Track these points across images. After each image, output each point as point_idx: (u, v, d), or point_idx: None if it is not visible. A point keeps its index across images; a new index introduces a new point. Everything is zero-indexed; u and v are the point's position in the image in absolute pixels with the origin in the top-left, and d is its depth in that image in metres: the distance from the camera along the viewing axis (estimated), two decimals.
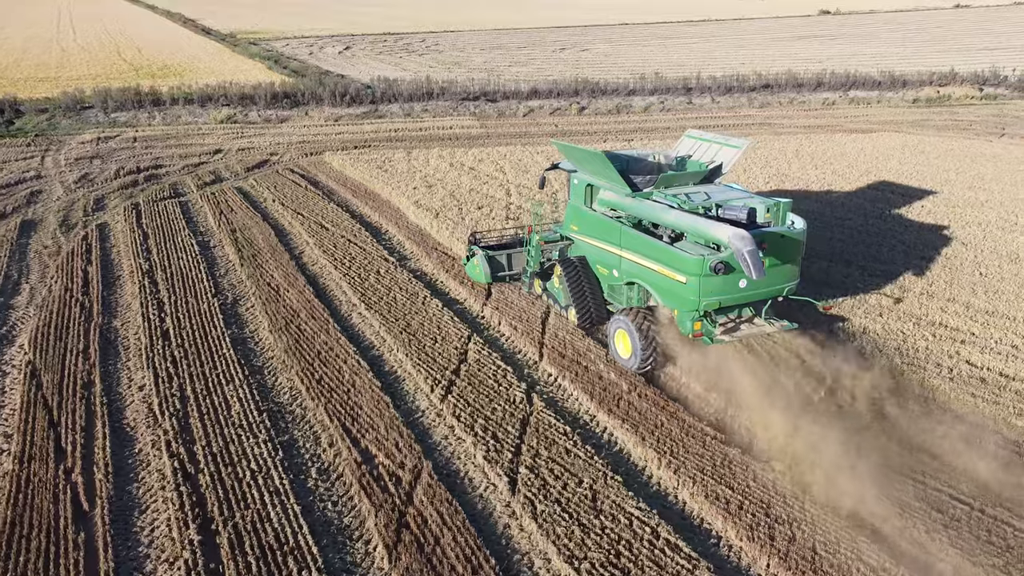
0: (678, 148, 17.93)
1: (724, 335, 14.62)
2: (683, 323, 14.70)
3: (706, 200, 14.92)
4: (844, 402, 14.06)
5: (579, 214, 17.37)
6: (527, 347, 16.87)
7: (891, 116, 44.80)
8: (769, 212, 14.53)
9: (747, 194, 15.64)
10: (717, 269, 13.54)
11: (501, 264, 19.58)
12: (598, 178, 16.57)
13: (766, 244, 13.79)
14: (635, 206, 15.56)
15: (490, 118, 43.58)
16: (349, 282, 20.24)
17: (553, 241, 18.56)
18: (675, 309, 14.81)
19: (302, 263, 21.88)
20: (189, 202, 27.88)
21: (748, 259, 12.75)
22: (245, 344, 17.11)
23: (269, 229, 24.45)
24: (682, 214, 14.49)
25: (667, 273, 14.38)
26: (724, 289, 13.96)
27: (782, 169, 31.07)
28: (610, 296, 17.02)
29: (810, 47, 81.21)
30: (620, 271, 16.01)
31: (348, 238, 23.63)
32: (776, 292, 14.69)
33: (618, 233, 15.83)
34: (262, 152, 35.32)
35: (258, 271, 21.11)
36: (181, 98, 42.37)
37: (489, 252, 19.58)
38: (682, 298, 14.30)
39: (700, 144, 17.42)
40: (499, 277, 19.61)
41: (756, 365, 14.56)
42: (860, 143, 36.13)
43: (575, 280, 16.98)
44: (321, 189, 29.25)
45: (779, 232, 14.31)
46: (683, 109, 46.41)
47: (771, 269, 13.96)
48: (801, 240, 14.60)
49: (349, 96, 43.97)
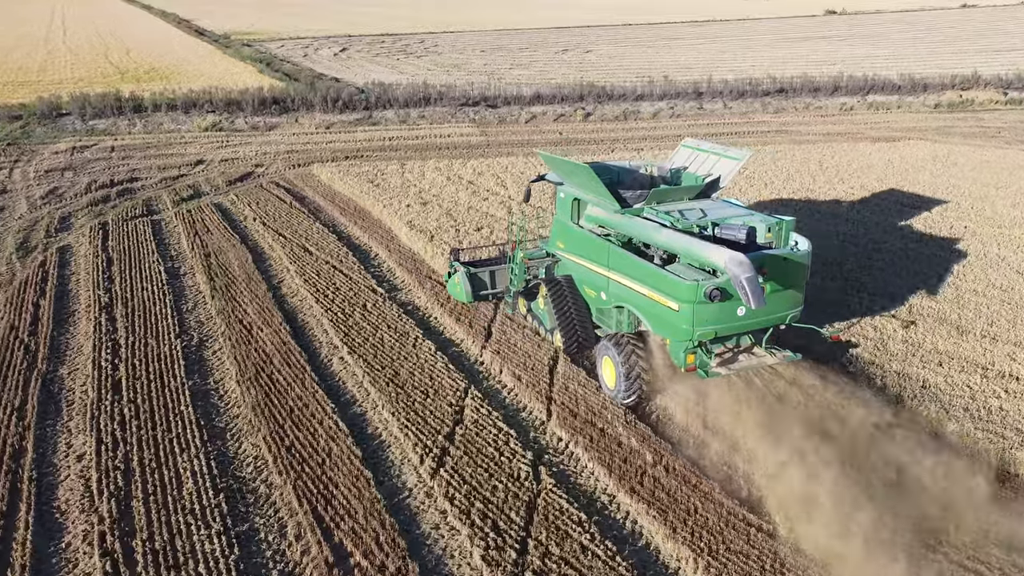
0: (673, 159, 16.62)
1: (721, 367, 13.30)
2: (676, 353, 13.51)
3: (701, 218, 13.62)
4: (865, 460, 12.02)
5: (565, 230, 15.94)
6: (533, 402, 14.59)
7: (914, 122, 42.48)
8: (770, 232, 13.17)
9: (746, 211, 14.20)
10: (713, 296, 12.21)
11: (484, 282, 18.12)
12: (585, 192, 15.20)
13: (766, 269, 12.45)
14: (624, 223, 14.23)
15: (490, 125, 41.29)
16: (331, 319, 17.96)
17: (539, 258, 17.23)
18: (667, 338, 13.59)
19: (280, 295, 19.60)
20: (163, 221, 25.60)
21: (746, 287, 11.38)
22: (207, 398, 14.83)
23: (247, 253, 22.17)
24: (674, 234, 13.14)
25: (658, 299, 13.04)
26: (720, 318, 12.63)
27: (806, 183, 28.77)
28: (599, 319, 15.55)
29: (820, 48, 78.92)
30: (608, 294, 14.65)
31: (333, 264, 21.36)
32: (778, 320, 13.28)
33: (606, 253, 14.43)
34: (247, 163, 33.04)
35: (230, 305, 18.83)
36: (164, 104, 40.11)
37: (471, 269, 18.11)
38: (674, 327, 12.90)
39: (697, 155, 16.09)
40: (481, 296, 18.21)
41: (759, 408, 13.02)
42: (886, 153, 33.82)
43: (561, 301, 15.59)
44: (307, 206, 26.97)
45: (781, 255, 12.92)
46: (694, 115, 44.11)
47: (772, 296, 12.62)
48: (805, 263, 13.23)
49: (341, 102, 41.71)
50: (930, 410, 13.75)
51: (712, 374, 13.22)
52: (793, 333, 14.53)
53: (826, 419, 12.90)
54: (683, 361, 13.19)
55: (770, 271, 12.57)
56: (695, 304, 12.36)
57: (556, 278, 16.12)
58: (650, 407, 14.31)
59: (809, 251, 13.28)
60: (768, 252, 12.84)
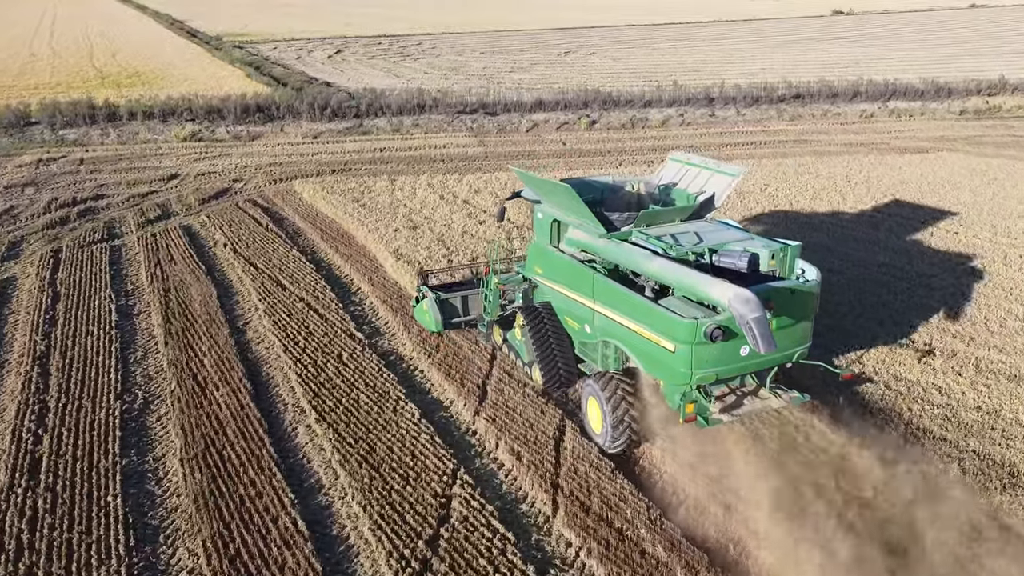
0: (661, 174, 15.16)
1: (723, 414, 11.82)
2: (671, 396, 12.05)
3: (697, 244, 12.24)
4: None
5: (544, 255, 14.39)
6: (535, 490, 12.03)
7: (940, 130, 39.87)
8: (774, 259, 11.85)
9: (745, 234, 12.78)
10: (714, 336, 10.73)
11: (455, 308, 16.58)
12: (566, 213, 13.67)
13: (773, 303, 10.99)
14: (610, 250, 12.75)
15: (489, 134, 38.71)
16: (300, 373, 15.41)
17: (515, 283, 15.58)
18: (661, 380, 12.11)
19: (244, 341, 17.04)
20: (123, 247, 23.04)
21: (754, 329, 10.01)
22: (143, 483, 12.30)
23: (211, 288, 19.61)
24: (668, 264, 11.66)
25: (650, 337, 11.50)
26: (722, 359, 11.18)
27: (835, 202, 26.19)
28: (582, 352, 13.98)
29: (832, 50, 76.31)
30: (593, 327, 13.08)
31: (308, 302, 18.80)
32: (784, 358, 11.79)
33: (590, 281, 12.89)
34: (224, 178, 30.48)
35: (185, 354, 16.28)
36: (140, 112, 37.52)
37: (440, 295, 16.48)
38: (670, 369, 11.39)
39: (687, 170, 14.69)
40: (453, 324, 16.62)
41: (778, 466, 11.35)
42: (918, 167, 31.22)
43: (539, 332, 14.04)
44: (285, 229, 24.40)
45: (788, 287, 11.48)
46: (705, 123, 41.52)
47: (779, 332, 11.11)
48: (815, 294, 11.75)
49: (330, 109, 39.13)
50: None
51: (713, 422, 11.69)
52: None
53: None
54: (681, 410, 11.54)
55: (777, 305, 11.08)
56: (694, 345, 10.83)
57: (534, 306, 14.54)
58: (678, 497, 11.78)
59: (818, 281, 11.80)
60: (774, 285, 11.40)
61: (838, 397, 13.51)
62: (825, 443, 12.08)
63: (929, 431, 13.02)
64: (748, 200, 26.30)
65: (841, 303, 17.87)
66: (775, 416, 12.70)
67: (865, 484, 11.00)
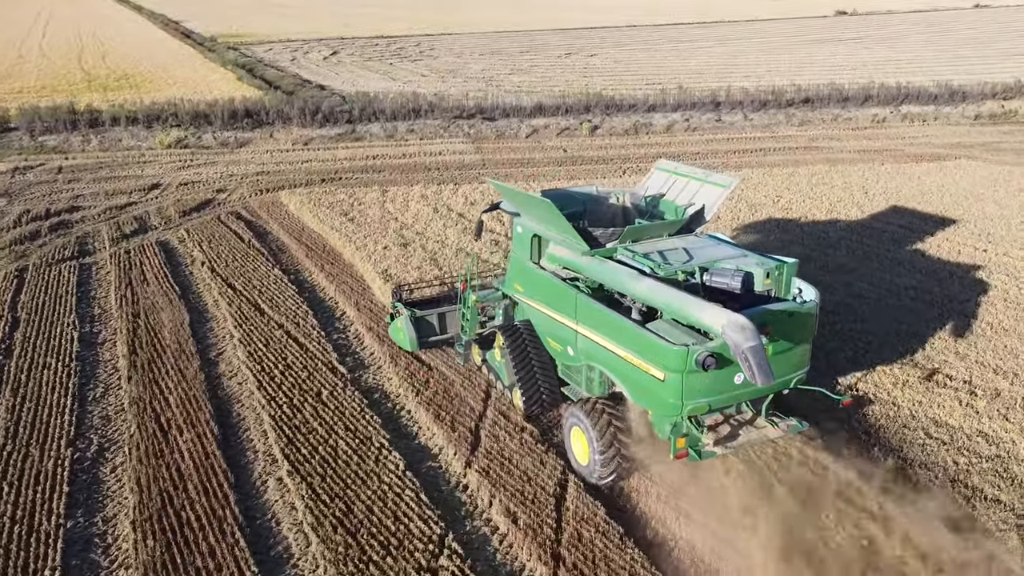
0: (647, 184, 14.38)
1: (716, 446, 11.03)
2: (660, 426, 11.28)
3: (686, 261, 11.54)
4: None
5: (524, 271, 13.56)
6: (532, 560, 10.55)
7: (955, 136, 38.38)
8: (769, 277, 11.22)
9: (738, 250, 12.01)
10: (707, 364, 9.94)
11: (431, 326, 15.50)
12: (547, 228, 12.87)
13: (769, 328, 10.34)
14: (594, 269, 12.03)
15: (487, 140, 37.21)
16: (274, 414, 13.93)
17: (494, 300, 14.72)
18: (649, 409, 11.30)
19: (216, 375, 15.55)
20: (94, 266, 21.56)
21: (751, 360, 9.26)
22: (87, 553, 10.83)
23: (184, 313, 18.13)
24: (656, 285, 10.86)
25: (638, 364, 10.68)
26: (715, 388, 10.41)
27: (852, 215, 24.71)
28: (566, 375, 13.19)
29: (839, 52, 74.83)
30: (576, 350, 12.27)
31: (288, 329, 17.32)
32: (781, 385, 11.04)
33: (572, 302, 12.10)
34: (208, 188, 28.99)
35: (150, 391, 14.81)
36: (123, 117, 36.01)
37: (415, 312, 15.43)
38: (659, 399, 10.63)
39: (675, 179, 13.90)
40: (429, 343, 15.57)
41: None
42: (936, 176, 29.73)
43: (520, 354, 13.21)
44: (268, 245, 22.91)
45: (786, 309, 10.80)
46: (712, 128, 40.01)
47: (776, 357, 10.43)
48: (813, 315, 11.06)
49: (322, 114, 37.62)
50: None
51: (706, 455, 10.88)
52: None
53: None
54: (671, 445, 10.68)
55: (774, 329, 10.41)
56: (684, 374, 10.06)
57: (514, 325, 13.69)
58: (696, 570, 10.31)
59: (816, 302, 11.08)
60: (770, 308, 10.68)
61: (880, 455, 12.07)
62: (883, 528, 10.48)
63: (979, 490, 11.53)
64: (760, 213, 24.82)
65: (868, 332, 16.40)
66: (816, 475, 11.26)
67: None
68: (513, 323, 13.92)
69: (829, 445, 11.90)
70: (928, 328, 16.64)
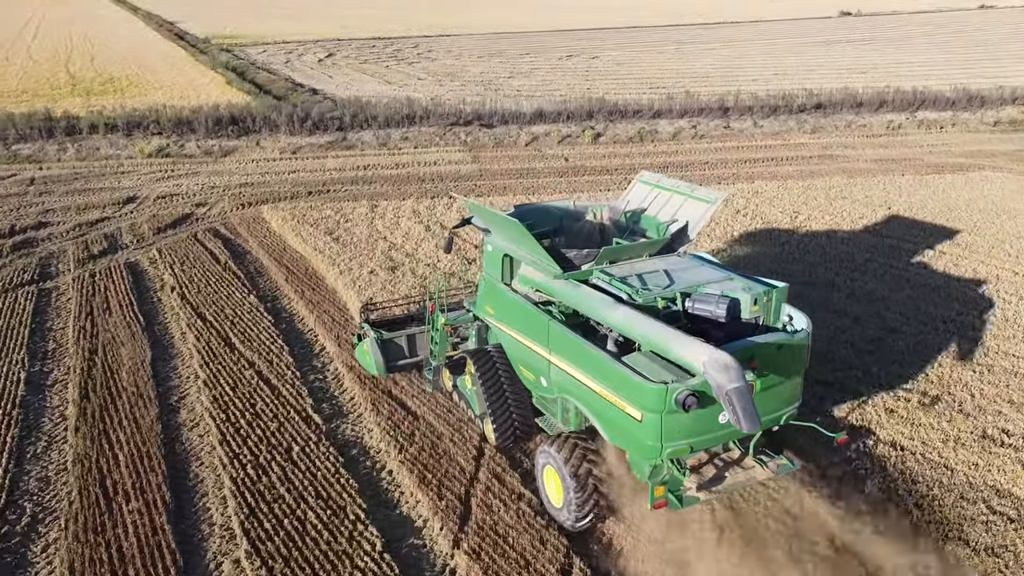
0: (628, 198, 13.50)
1: (700, 491, 10.16)
2: (638, 467, 10.31)
3: (667, 286, 10.69)
4: None
5: (495, 293, 12.65)
6: None
7: (975, 144, 36.63)
8: (757, 304, 10.36)
9: (722, 272, 11.15)
10: (688, 404, 9.03)
11: (400, 349, 14.58)
12: (518, 248, 12.04)
13: (756, 362, 9.51)
14: (567, 293, 11.13)
15: (485, 148, 35.45)
16: (236, 476, 12.19)
17: (466, 321, 13.82)
18: (626, 450, 10.41)
19: (175, 425, 13.81)
20: (54, 291, 19.81)
21: (735, 403, 8.37)
22: None
23: (147, 349, 16.40)
24: (633, 314, 9.95)
25: (614, 401, 9.75)
26: (697, 428, 9.52)
27: (877, 231, 22.96)
28: (541, 405, 12.20)
29: (847, 54, 73.08)
30: (549, 381, 11.31)
31: (260, 368, 15.58)
32: (771, 422, 10.14)
33: (545, 329, 11.14)
34: (187, 201, 27.24)
35: (98, 445, 13.07)
36: (102, 125, 34.25)
37: (383, 333, 14.46)
38: (636, 440, 9.70)
39: (657, 193, 13.04)
40: (397, 367, 14.60)
41: None
42: (961, 188, 27.98)
43: (491, 381, 12.30)
44: (246, 267, 21.17)
45: (775, 341, 9.90)
46: (720, 135, 38.26)
47: (765, 393, 9.65)
48: (805, 346, 10.13)
49: (311, 121, 35.85)
50: None
51: (688, 502, 10.01)
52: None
53: None
54: (649, 493, 9.71)
55: (761, 363, 9.54)
56: (663, 414, 9.16)
57: (485, 349, 12.80)
58: None
59: (809, 331, 10.15)
60: (758, 340, 9.78)
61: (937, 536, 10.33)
62: None
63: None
64: (778, 231, 23.07)
65: (907, 375, 14.65)
66: None
67: None
68: (484, 347, 12.94)
69: (877, 526, 10.17)
70: (975, 370, 14.88)
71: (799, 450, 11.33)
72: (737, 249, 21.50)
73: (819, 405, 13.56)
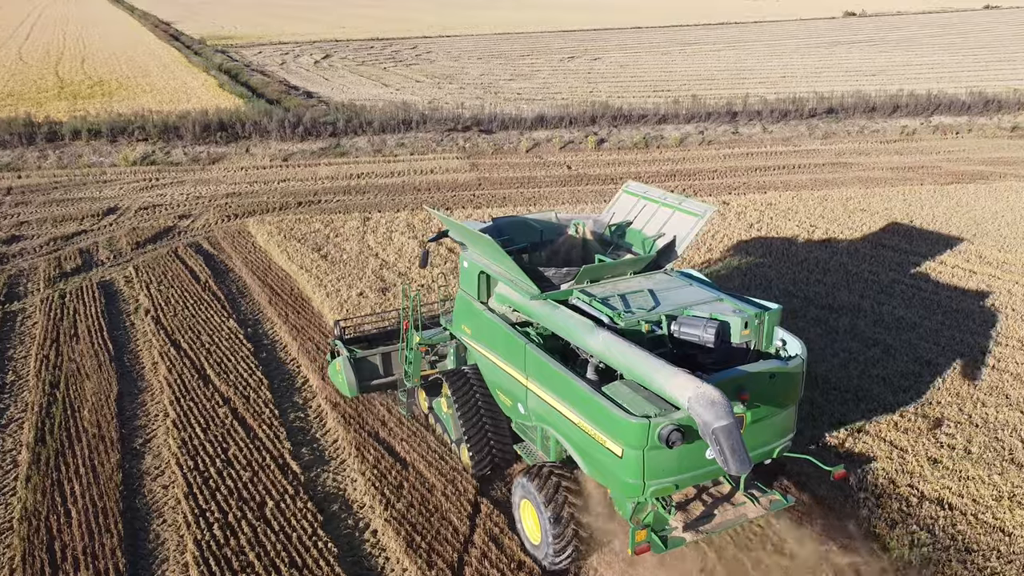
0: (613, 209, 12.84)
1: (686, 531, 9.44)
2: (621, 504, 9.66)
3: (652, 308, 9.97)
4: None
5: (471, 312, 11.82)
6: None
7: (994, 151, 35.24)
8: (748, 327, 9.61)
9: (711, 292, 10.39)
10: (672, 441, 8.28)
11: (374, 368, 13.79)
12: (493, 264, 11.31)
13: (747, 394, 8.76)
14: (544, 315, 10.39)
15: (484, 155, 34.09)
16: (200, 538, 10.83)
17: (443, 340, 13.19)
18: (607, 487, 9.75)
19: (137, 474, 12.45)
20: (20, 314, 18.44)
21: (723, 442, 7.61)
22: None
23: (113, 383, 15.04)
24: (614, 340, 9.17)
25: (593, 434, 9.08)
26: (683, 465, 8.83)
27: (902, 249, 21.56)
28: (521, 431, 11.48)
29: (853, 56, 71.68)
30: (527, 408, 10.59)
31: (236, 405, 14.22)
32: (763, 456, 9.52)
33: (522, 353, 10.37)
34: (171, 213, 25.88)
35: (49, 499, 11.71)
36: (85, 131, 32.88)
37: (356, 351, 13.66)
38: (616, 477, 9.02)
39: (644, 205, 12.35)
40: (371, 387, 13.80)
41: None
42: (984, 199, 26.58)
43: (467, 405, 11.66)
44: (228, 287, 19.81)
45: (767, 370, 9.12)
46: (728, 141, 36.88)
47: (756, 425, 9.01)
48: (799, 373, 9.40)
49: (303, 127, 34.47)
50: None
51: (674, 543, 9.27)
52: None
53: None
54: (630, 537, 8.86)
55: (753, 394, 8.85)
56: (646, 451, 8.49)
57: (462, 370, 12.10)
58: None
59: (804, 358, 9.40)
60: (749, 370, 9.00)
61: None
62: None
63: None
64: (795, 247, 21.69)
65: (948, 418, 13.25)
66: None
67: None
68: (461, 368, 12.22)
69: None
70: (1019, 411, 13.50)
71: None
72: (752, 268, 20.13)
73: (854, 454, 12.20)
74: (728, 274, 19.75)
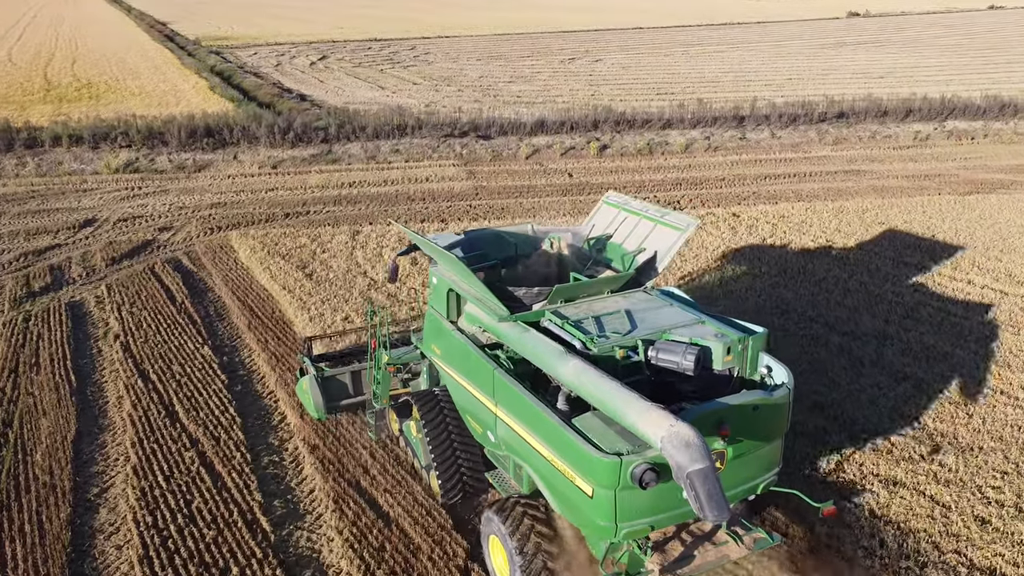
0: (593, 221, 12.22)
1: (663, 574, 8.59)
2: (594, 544, 8.80)
3: (628, 331, 9.15)
4: None
5: (440, 331, 11.13)
6: None
7: (1013, 158, 33.97)
8: (731, 353, 8.84)
9: (692, 314, 9.62)
10: (645, 481, 7.47)
11: (342, 387, 13.06)
12: (461, 282, 10.58)
13: (728, 429, 7.93)
14: (514, 338, 9.54)
15: (481, 162, 32.78)
16: None
17: (414, 359, 12.38)
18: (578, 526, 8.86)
19: (88, 533, 11.13)
20: None
21: (697, 487, 6.88)
22: None
23: (71, 421, 13.74)
24: (585, 369, 8.30)
25: (563, 470, 8.22)
26: (658, 506, 8.01)
27: (925, 266, 20.26)
28: (494, 458, 10.66)
29: (857, 56, 70.39)
30: (496, 436, 9.77)
31: (204, 449, 12.92)
32: (746, 492, 8.78)
33: (490, 378, 9.57)
34: (151, 225, 24.58)
35: None
36: (66, 137, 31.58)
37: (324, 369, 12.96)
38: (586, 517, 8.22)
39: (625, 217, 11.68)
40: (339, 407, 13.07)
41: None
42: (1008, 211, 25.27)
43: (438, 429, 10.90)
44: (205, 308, 18.51)
45: (750, 403, 8.24)
46: (735, 147, 35.58)
47: (737, 461, 8.23)
48: (786, 404, 8.57)
49: (294, 133, 33.15)
50: None
51: None
52: None
53: None
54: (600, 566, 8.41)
55: (735, 428, 8.11)
56: (617, 491, 7.75)
57: (432, 392, 11.40)
58: None
59: (790, 387, 8.68)
60: (730, 402, 8.21)
61: None
62: None
63: None
64: (812, 263, 20.38)
65: (993, 470, 11.94)
66: None
67: None
68: (431, 389, 11.53)
69: None
70: None
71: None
72: (768, 290, 18.80)
73: (892, 509, 10.89)
74: (742, 294, 18.43)
